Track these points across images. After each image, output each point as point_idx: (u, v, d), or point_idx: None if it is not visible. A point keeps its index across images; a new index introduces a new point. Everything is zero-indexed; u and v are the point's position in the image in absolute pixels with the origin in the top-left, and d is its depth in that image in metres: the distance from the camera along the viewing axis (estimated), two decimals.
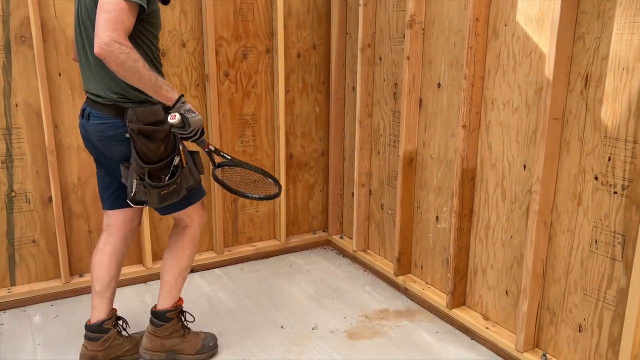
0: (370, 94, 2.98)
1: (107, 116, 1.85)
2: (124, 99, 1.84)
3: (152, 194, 1.83)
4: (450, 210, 2.53)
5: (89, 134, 1.94)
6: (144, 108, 1.82)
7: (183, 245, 2.08)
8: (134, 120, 1.79)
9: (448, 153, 2.51)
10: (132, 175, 1.84)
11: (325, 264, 3.18)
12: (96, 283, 2.08)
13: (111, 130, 1.85)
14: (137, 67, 1.68)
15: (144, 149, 1.79)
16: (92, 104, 1.89)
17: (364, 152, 3.04)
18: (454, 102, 2.44)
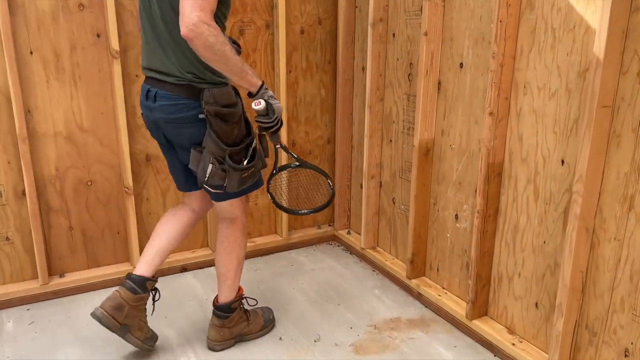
0: (382, 75, 2.66)
1: (178, 96, 1.77)
2: (199, 80, 1.76)
3: (233, 177, 1.79)
4: (472, 208, 2.23)
5: (154, 116, 1.85)
6: (220, 89, 1.76)
7: (237, 238, 2.04)
8: (211, 102, 1.73)
9: (471, 143, 2.19)
10: (206, 158, 1.77)
11: (330, 262, 2.90)
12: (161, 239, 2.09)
13: (183, 111, 1.77)
14: (225, 51, 1.63)
15: (219, 131, 1.74)
16: (160, 83, 1.80)
17: (374, 141, 2.74)
18: (479, 85, 2.11)
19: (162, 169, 2.66)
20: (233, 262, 2.04)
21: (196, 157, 1.80)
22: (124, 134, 2.48)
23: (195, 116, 1.77)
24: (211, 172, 1.77)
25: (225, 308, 2.08)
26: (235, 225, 2.02)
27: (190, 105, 1.77)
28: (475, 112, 2.15)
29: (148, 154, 2.62)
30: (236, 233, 2.03)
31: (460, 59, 2.19)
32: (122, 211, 2.61)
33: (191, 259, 2.78)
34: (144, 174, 2.63)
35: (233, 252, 2.04)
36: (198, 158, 1.80)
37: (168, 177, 2.68)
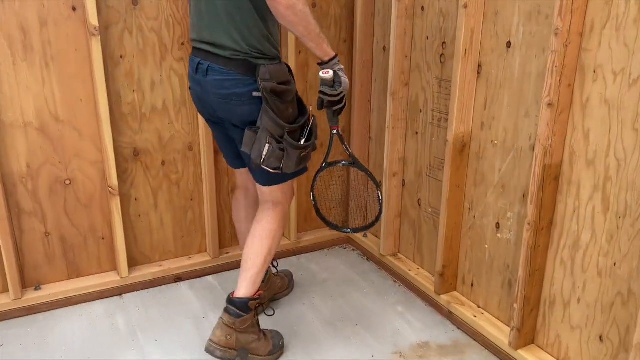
0: (408, 57, 2.28)
1: (232, 71, 1.68)
2: (258, 53, 1.68)
3: (292, 156, 1.71)
4: (518, 217, 1.87)
5: (205, 92, 1.76)
6: (276, 66, 1.69)
7: (276, 225, 1.90)
8: (267, 78, 1.64)
9: (519, 140, 1.82)
10: (262, 138, 1.68)
11: (345, 270, 2.55)
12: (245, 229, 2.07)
13: (238, 87, 1.69)
14: (307, 13, 1.59)
15: (275, 109, 1.66)
16: (213, 57, 1.70)
17: (397, 133, 2.37)
18: (531, 68, 1.74)
19: (152, 165, 2.31)
20: (264, 249, 1.88)
21: (251, 137, 1.71)
22: (106, 125, 2.12)
23: (250, 93, 1.68)
24: (268, 153, 1.69)
25: (242, 305, 1.84)
26: (277, 211, 1.91)
27: (245, 81, 1.68)
28: (525, 102, 1.78)
29: (136, 148, 2.26)
30: (277, 219, 1.91)
31: (507, 37, 1.81)
32: (106, 214, 2.27)
33: (187, 266, 2.44)
34: (131, 170, 2.28)
35: (268, 239, 1.88)
36: (253, 139, 1.71)
37: (160, 174, 2.33)
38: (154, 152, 2.30)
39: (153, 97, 2.24)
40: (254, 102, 1.69)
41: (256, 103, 1.69)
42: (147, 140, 2.27)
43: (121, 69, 2.15)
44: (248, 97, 1.69)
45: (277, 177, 1.81)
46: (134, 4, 2.11)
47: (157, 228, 2.40)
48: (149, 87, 2.22)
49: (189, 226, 2.46)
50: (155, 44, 2.18)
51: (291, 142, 1.70)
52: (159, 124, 2.28)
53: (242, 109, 1.71)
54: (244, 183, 2.10)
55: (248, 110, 1.71)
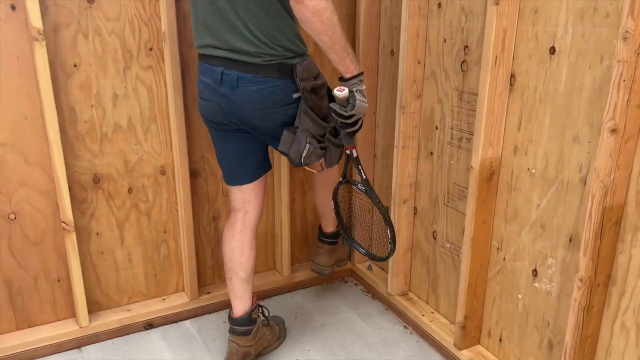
0: (421, 63, 1.91)
1: (268, 78, 1.55)
2: (291, 53, 1.56)
3: (335, 153, 1.72)
4: (562, 265, 1.50)
5: (235, 104, 1.59)
6: (308, 60, 1.60)
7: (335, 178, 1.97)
8: (305, 77, 1.57)
9: (565, 170, 1.45)
10: (301, 139, 1.61)
11: (346, 312, 2.18)
12: (239, 269, 1.81)
13: (279, 93, 1.57)
14: (335, 21, 1.45)
15: (313, 107, 1.60)
16: (241, 65, 1.54)
17: (407, 153, 2.00)
18: (583, 81, 1.36)
19: (117, 193, 1.94)
20: (329, 198, 1.95)
21: (289, 138, 1.63)
22: (56, 148, 1.74)
23: (289, 96, 1.59)
24: (308, 152, 1.63)
25: (334, 234, 2.14)
26: (332, 171, 1.99)
27: (284, 86, 1.57)
28: (574, 124, 1.41)
29: (96, 174, 1.89)
30: (335, 174, 2.00)
31: (550, 41, 1.44)
32: (61, 252, 1.90)
33: (160, 310, 2.07)
34: (91, 200, 1.91)
35: (331, 190, 1.92)
36: (291, 139, 1.62)
37: (126, 204, 1.96)
38: (119, 178, 1.93)
39: (116, 113, 1.86)
40: (295, 105, 1.61)
41: (296, 105, 1.61)
42: (109, 165, 1.90)
43: (75, 81, 1.78)
44: (288, 102, 1.60)
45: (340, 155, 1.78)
46: (90, 2, 1.73)
47: (125, 266, 2.03)
48: (111, 102, 1.85)
49: (162, 262, 2.09)
50: (117, 49, 1.81)
51: (334, 142, 1.68)
52: (124, 144, 1.91)
53: (282, 113, 1.62)
54: (244, 205, 1.80)
55: (287, 114, 1.62)
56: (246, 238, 1.80)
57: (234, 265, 1.80)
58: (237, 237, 1.79)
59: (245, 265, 1.80)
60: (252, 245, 1.82)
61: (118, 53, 1.81)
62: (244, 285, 1.80)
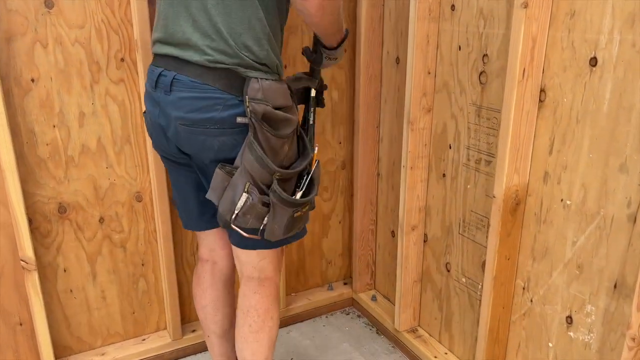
0: (432, 73, 1.67)
1: (209, 86, 1.17)
2: (251, 60, 1.17)
3: (281, 216, 1.21)
4: (604, 314, 1.27)
5: (164, 116, 1.23)
6: (273, 82, 1.20)
7: (269, 308, 1.39)
8: (259, 98, 1.16)
9: (608, 203, 1.22)
10: (238, 184, 1.18)
11: (349, 351, 1.95)
12: (216, 327, 1.52)
13: (216, 109, 1.17)
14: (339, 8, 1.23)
15: (263, 143, 1.17)
16: (184, 66, 1.18)
17: (416, 174, 1.77)
18: (634, 100, 1.14)
19: (86, 224, 1.70)
20: (263, 343, 1.40)
21: (222, 180, 1.20)
22: (11, 175, 1.50)
23: (232, 119, 1.18)
24: (244, 206, 1.18)
25: None
26: (267, 289, 1.39)
27: (227, 101, 1.17)
28: (621, 150, 1.18)
29: (62, 203, 1.65)
30: (268, 300, 1.39)
31: (590, 51, 1.21)
32: (23, 292, 1.66)
33: (140, 353, 1.83)
34: (56, 233, 1.67)
35: (263, 330, 1.39)
36: (225, 182, 1.20)
37: (97, 235, 1.73)
38: (88, 206, 1.69)
39: (83, 133, 1.63)
40: (238, 133, 1.19)
41: (240, 134, 1.19)
42: (77, 192, 1.66)
43: (34, 98, 1.54)
44: (229, 125, 1.18)
45: (269, 242, 1.29)
46: (48, 7, 1.49)
47: (98, 305, 1.79)
48: (77, 121, 1.61)
49: (141, 299, 1.86)
50: (82, 61, 1.57)
51: (282, 195, 1.19)
52: (93, 169, 1.67)
53: (219, 140, 1.20)
54: (211, 253, 1.51)
55: (227, 144, 1.20)
56: (218, 293, 1.50)
57: (208, 324, 1.53)
58: (208, 294, 1.50)
59: (222, 323, 1.53)
60: (226, 301, 1.52)
61: (84, 65, 1.57)
62: (224, 343, 1.55)
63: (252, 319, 1.38)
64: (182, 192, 1.43)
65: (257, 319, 1.38)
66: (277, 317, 1.42)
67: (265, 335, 1.39)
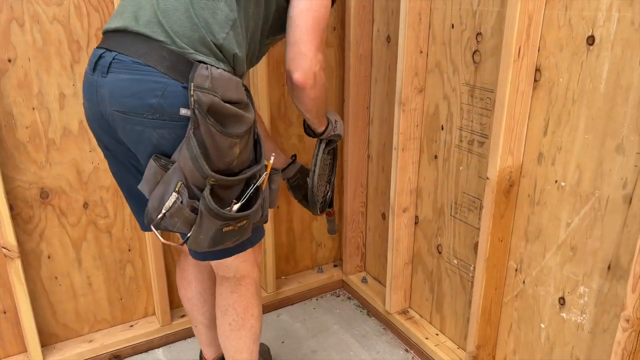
0: (424, 52, 1.64)
1: (152, 69, 1.01)
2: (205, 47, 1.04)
3: (208, 227, 1.06)
4: (597, 295, 1.27)
5: (101, 101, 1.07)
6: (224, 72, 1.04)
7: (249, 305, 1.33)
8: (206, 88, 1.00)
9: (603, 185, 1.21)
10: (170, 181, 1.04)
11: (340, 333, 1.95)
12: (203, 318, 1.48)
13: (156, 96, 1.01)
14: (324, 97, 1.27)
15: (207, 142, 1.01)
16: (127, 43, 1.04)
17: (408, 156, 1.74)
18: (632, 79, 1.12)
19: (70, 209, 1.65)
20: (246, 340, 1.36)
21: (155, 173, 1.06)
22: None
23: (175, 109, 1.02)
24: (172, 207, 1.03)
25: None
26: (244, 287, 1.32)
27: (168, 86, 1.01)
28: (617, 130, 1.16)
29: (44, 188, 1.60)
30: (246, 298, 1.33)
31: (588, 29, 1.18)
32: (6, 280, 1.61)
33: (128, 339, 1.81)
34: (39, 219, 1.62)
35: (244, 328, 1.34)
36: (158, 176, 1.06)
37: (82, 221, 1.68)
38: (71, 191, 1.64)
39: (64, 115, 1.57)
40: (179, 127, 1.03)
41: (181, 128, 1.03)
42: (59, 177, 1.61)
43: (11, 79, 1.47)
44: (171, 116, 1.03)
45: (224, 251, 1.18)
46: None
47: (84, 291, 1.75)
48: (57, 102, 1.55)
49: (128, 285, 1.82)
50: (61, 40, 1.51)
51: (209, 205, 1.03)
52: (76, 152, 1.62)
53: (158, 133, 1.04)
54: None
55: (169, 138, 1.05)
56: (204, 285, 1.45)
57: (195, 315, 1.49)
58: (194, 286, 1.44)
59: (209, 314, 1.47)
60: (213, 292, 1.44)
61: (63, 44, 1.51)
62: (212, 332, 1.49)
63: (232, 318, 1.33)
64: (132, 188, 1.21)
65: (236, 318, 1.33)
66: (258, 313, 1.36)
67: (247, 332, 1.35)
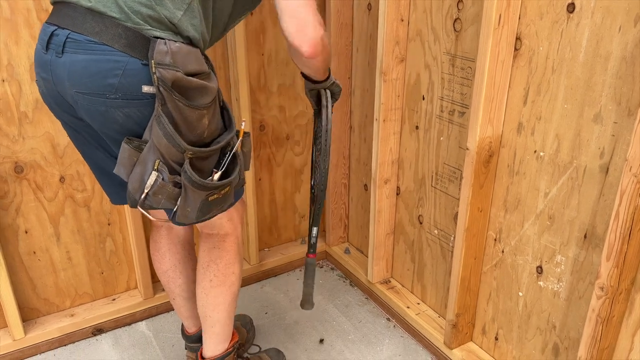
0: (405, 20, 1.61)
1: (108, 47, 0.98)
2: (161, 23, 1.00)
3: (194, 199, 1.07)
4: (574, 264, 1.29)
5: (59, 82, 1.04)
6: (183, 45, 1.01)
7: (230, 262, 1.34)
8: (167, 63, 0.97)
9: (581, 154, 1.21)
10: (147, 161, 1.03)
11: (323, 304, 1.96)
12: (180, 290, 1.47)
13: (117, 76, 0.99)
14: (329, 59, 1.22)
15: (176, 116, 1.01)
16: (80, 19, 0.99)
17: (389, 127, 1.73)
18: (611, 48, 1.11)
19: (46, 183, 1.62)
20: (225, 297, 1.37)
21: (130, 156, 1.05)
22: None
23: (137, 87, 1.00)
24: (154, 185, 1.04)
25: None
26: (228, 244, 1.33)
27: (127, 65, 0.99)
28: (596, 100, 1.16)
29: (18, 162, 1.57)
30: (229, 255, 1.34)
31: None
32: None
33: (110, 313, 1.81)
34: (14, 193, 1.59)
35: (224, 285, 1.35)
36: (133, 158, 1.05)
37: (59, 195, 1.66)
38: (47, 165, 1.61)
39: (35, 87, 1.52)
40: (145, 105, 1.02)
41: (149, 105, 1.02)
42: (33, 150, 1.58)
43: None
44: (134, 94, 1.01)
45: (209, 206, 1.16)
46: None
47: (64, 266, 1.74)
48: (28, 74, 1.50)
49: (109, 259, 1.81)
50: (29, 8, 1.45)
51: (192, 177, 1.04)
52: (50, 125, 1.58)
53: (123, 112, 1.03)
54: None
55: (134, 117, 1.04)
56: (178, 257, 1.43)
57: (171, 287, 1.47)
58: (167, 259, 1.43)
59: (186, 286, 1.47)
60: (187, 263, 1.45)
61: (32, 13, 1.45)
62: (191, 304, 1.49)
63: (213, 274, 1.34)
64: (100, 164, 1.22)
65: (217, 274, 1.34)
66: (238, 273, 1.37)
67: (227, 289, 1.36)
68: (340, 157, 2.05)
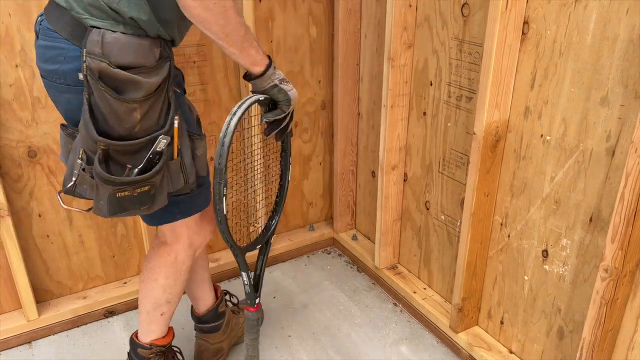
0: (413, 6, 1.61)
1: (57, 35, 1.05)
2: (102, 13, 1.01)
3: (100, 192, 1.08)
4: (579, 247, 1.29)
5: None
6: (122, 37, 1.02)
7: (155, 269, 1.34)
8: (96, 53, 1.00)
9: (588, 138, 1.22)
10: (76, 149, 1.08)
11: (331, 289, 1.99)
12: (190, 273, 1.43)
13: (59, 61, 1.05)
14: (226, 5, 1.03)
15: (104, 108, 1.03)
16: (49, 10, 1.08)
17: (397, 113, 1.74)
18: (618, 30, 1.11)
19: (59, 167, 1.66)
20: (146, 297, 1.37)
21: (66, 142, 1.14)
22: None
23: (75, 74, 1.05)
24: (79, 175, 1.09)
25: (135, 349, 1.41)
26: (162, 251, 1.33)
27: (69, 52, 1.05)
28: (603, 83, 1.16)
29: (31, 147, 1.60)
30: (157, 261, 1.33)
31: None
32: None
33: (121, 296, 1.84)
34: (28, 177, 1.63)
35: (146, 285, 1.36)
36: (68, 145, 1.13)
37: None
38: (59, 150, 1.64)
39: None
40: (82, 91, 1.04)
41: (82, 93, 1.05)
42: (46, 135, 1.61)
43: None
44: (73, 80, 1.06)
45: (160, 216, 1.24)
46: None
47: (76, 249, 1.77)
48: None
49: (120, 243, 1.84)
50: None
51: (95, 169, 1.05)
52: None
53: (65, 98, 1.10)
54: None
55: (74, 103, 1.08)
56: None
57: None
58: None
59: (194, 270, 1.48)
60: None
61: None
62: (197, 287, 1.52)
63: (145, 268, 1.36)
64: None
65: (145, 271, 1.36)
66: (163, 283, 1.33)
67: (148, 292, 1.35)
68: (348, 144, 2.06)
